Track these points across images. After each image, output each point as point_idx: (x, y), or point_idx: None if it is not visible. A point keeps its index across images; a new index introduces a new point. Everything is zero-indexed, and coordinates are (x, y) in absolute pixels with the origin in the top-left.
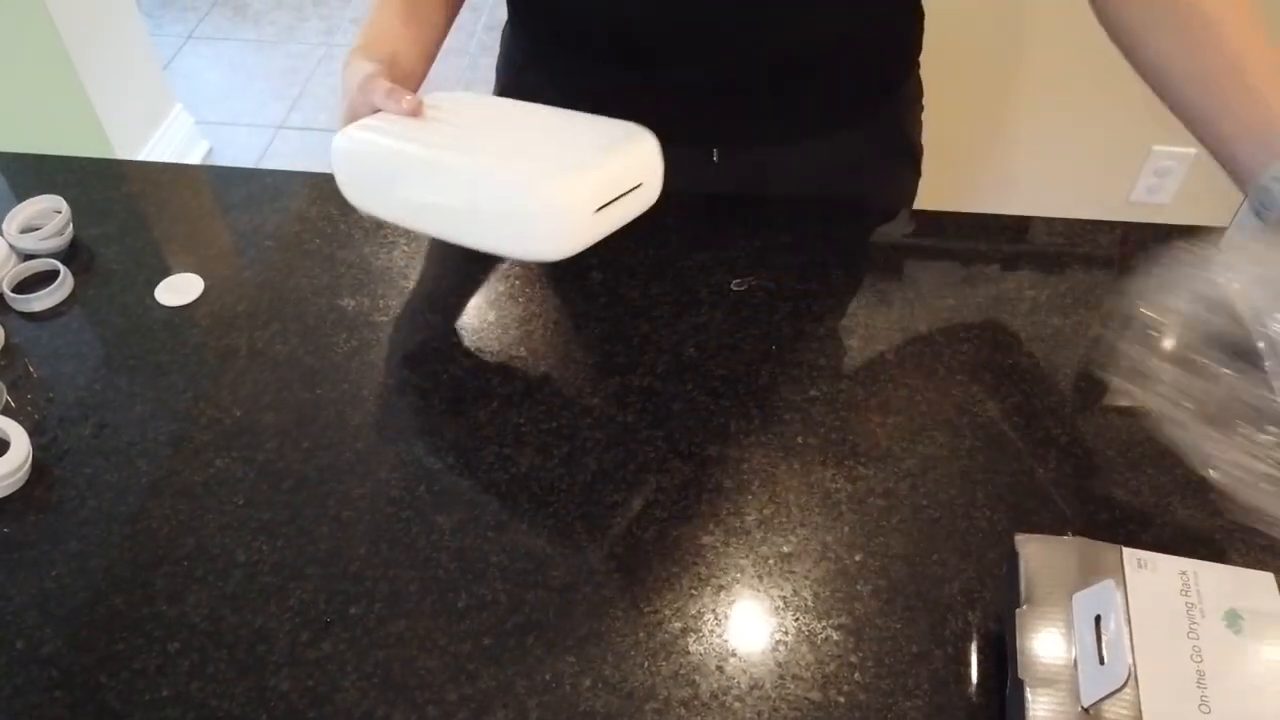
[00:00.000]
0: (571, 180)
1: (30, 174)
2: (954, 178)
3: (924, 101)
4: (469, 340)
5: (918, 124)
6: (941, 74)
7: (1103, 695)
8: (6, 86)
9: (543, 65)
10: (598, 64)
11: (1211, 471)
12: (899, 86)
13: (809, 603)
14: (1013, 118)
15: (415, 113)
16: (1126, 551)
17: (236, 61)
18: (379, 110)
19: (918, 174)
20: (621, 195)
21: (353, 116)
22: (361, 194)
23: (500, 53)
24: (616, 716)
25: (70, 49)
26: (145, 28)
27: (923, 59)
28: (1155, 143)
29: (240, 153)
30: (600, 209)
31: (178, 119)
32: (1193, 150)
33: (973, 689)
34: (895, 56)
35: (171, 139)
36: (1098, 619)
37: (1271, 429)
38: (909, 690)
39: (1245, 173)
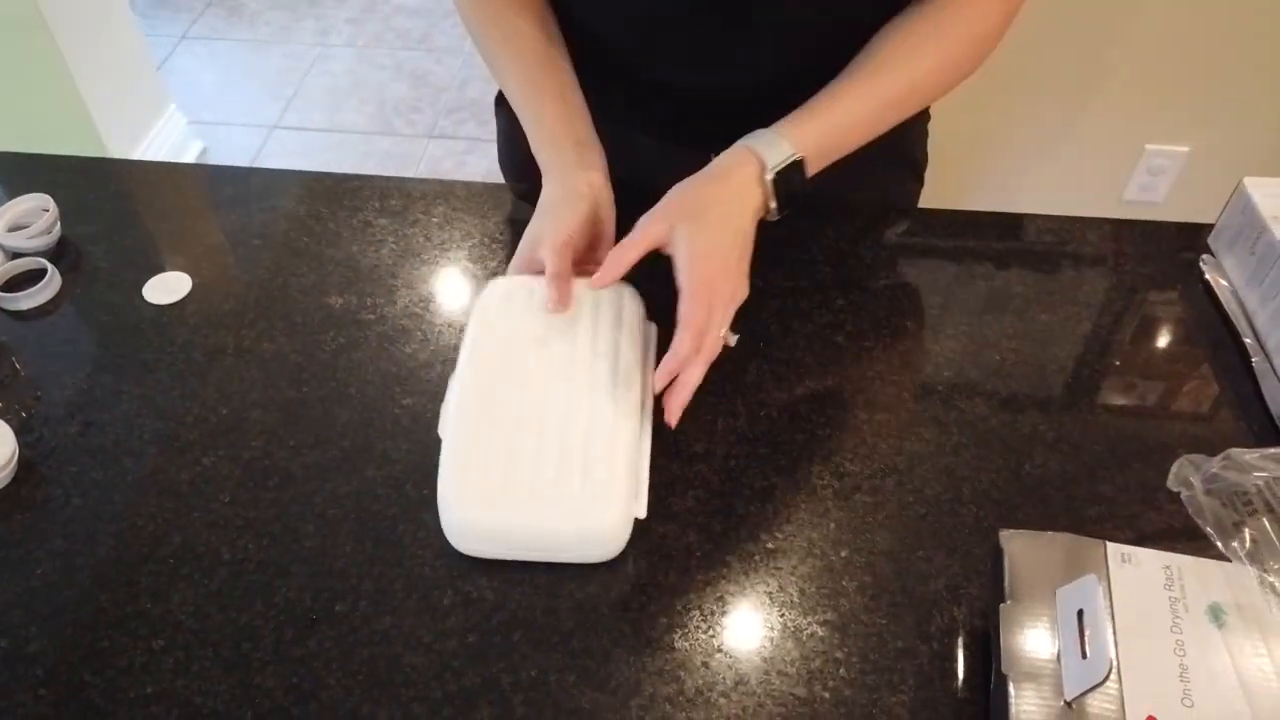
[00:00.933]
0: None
1: (17, 172)
2: (946, 177)
3: (929, 112)
4: (457, 338)
5: (922, 136)
6: None
7: (1085, 689)
8: (0, 87)
9: None
10: (595, 68)
11: None
12: None
13: (794, 599)
14: (1004, 116)
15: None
16: (1110, 546)
17: (231, 61)
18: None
19: (919, 184)
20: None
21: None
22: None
23: None
24: (602, 713)
25: (64, 49)
26: (139, 28)
27: None
28: (1149, 141)
29: (235, 153)
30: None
31: (172, 119)
32: (1186, 148)
33: (958, 684)
34: None
35: (166, 139)
36: (1080, 613)
37: None
38: (894, 685)
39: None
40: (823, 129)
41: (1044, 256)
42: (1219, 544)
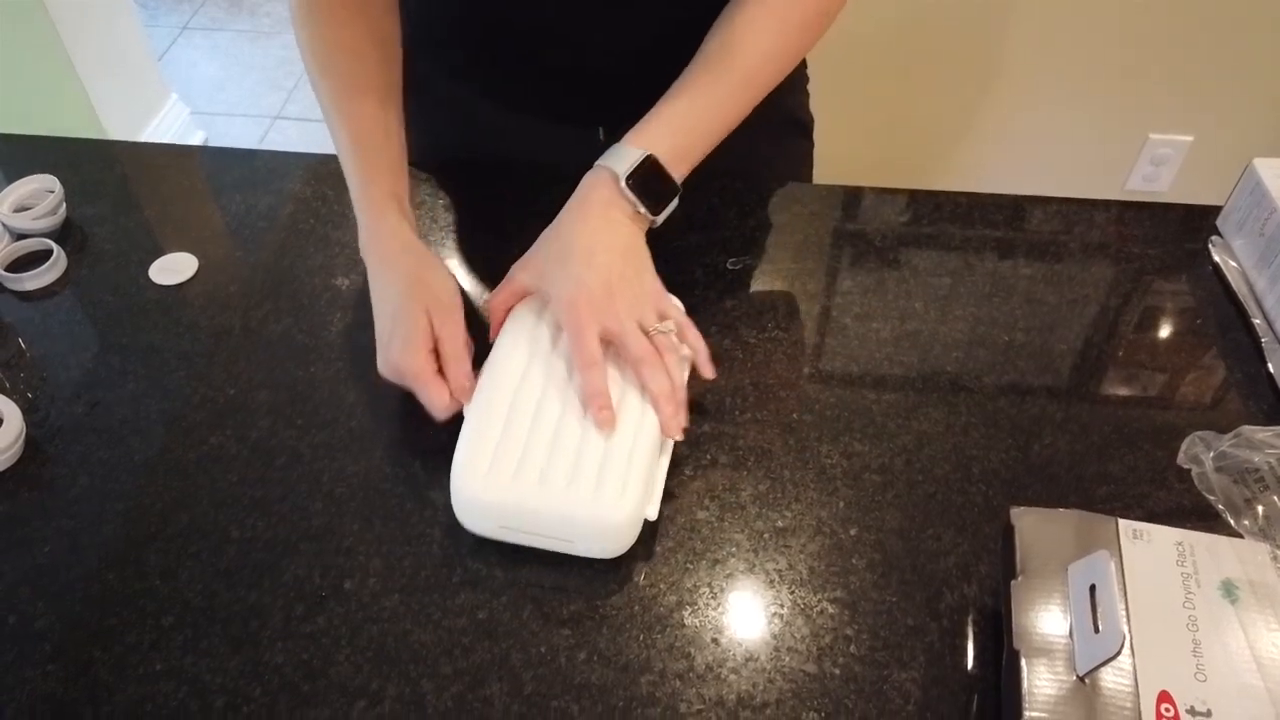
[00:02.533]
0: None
1: (23, 154)
2: (948, 166)
3: (808, 74)
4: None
5: (802, 95)
6: (935, 64)
7: (1098, 663)
8: (2, 78)
9: (429, 50)
10: (479, 49)
11: None
12: None
13: (804, 576)
14: (1006, 106)
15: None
16: (1122, 523)
17: (232, 52)
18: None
19: (810, 143)
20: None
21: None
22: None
23: None
24: (612, 689)
25: (66, 40)
26: (140, 19)
27: (916, 50)
28: (1152, 130)
29: (236, 143)
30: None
31: (173, 109)
32: (1190, 138)
33: (968, 661)
34: None
35: (167, 130)
36: (1093, 589)
37: None
38: (904, 662)
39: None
40: (671, 127)
41: (1053, 239)
42: (1230, 520)
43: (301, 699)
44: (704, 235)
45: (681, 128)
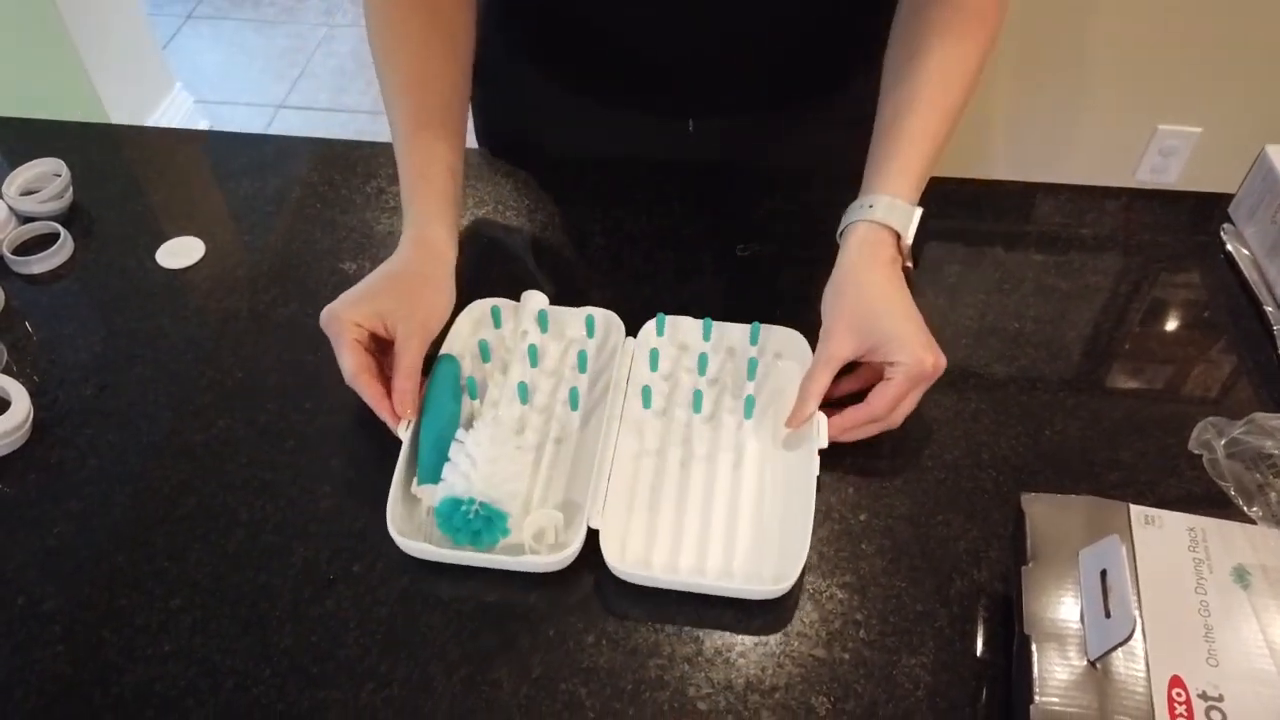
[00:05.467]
0: None
1: (29, 138)
2: (952, 155)
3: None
4: (480, 289)
5: (874, 93)
6: None
7: (1110, 647)
8: (7, 66)
9: (515, 36)
10: (568, 37)
11: None
12: (870, 62)
13: (814, 561)
14: (1014, 98)
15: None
16: (1134, 509)
17: (236, 41)
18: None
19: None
20: None
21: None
22: None
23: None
24: (620, 672)
25: (70, 29)
26: (145, 7)
27: None
28: (1161, 121)
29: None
30: None
31: (177, 98)
32: (1199, 129)
33: (978, 647)
34: (867, 35)
35: (171, 118)
36: (1104, 574)
37: None
38: (914, 647)
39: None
40: (910, 172)
41: (1063, 226)
42: (1242, 506)
43: (310, 680)
44: (713, 221)
45: (919, 165)
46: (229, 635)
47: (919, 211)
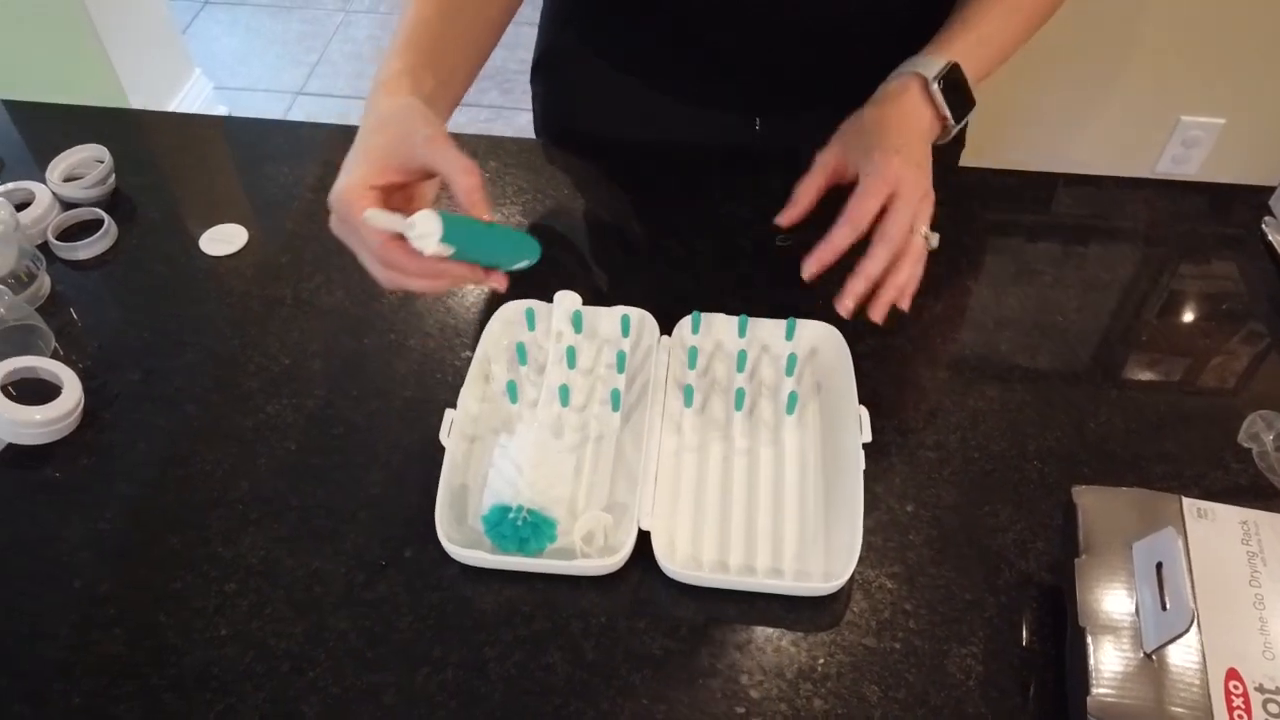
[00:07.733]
0: None
1: (69, 125)
2: (976, 149)
3: None
4: (512, 289)
5: None
6: None
7: (1167, 639)
8: (29, 51)
9: (585, 28)
10: (639, 31)
11: None
12: None
13: (862, 551)
14: (1035, 87)
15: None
16: (1186, 501)
17: (253, 27)
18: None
19: (959, 144)
20: None
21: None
22: None
23: (543, 9)
24: (673, 658)
25: (92, 13)
26: None
27: None
28: (1183, 112)
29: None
30: None
31: (197, 83)
32: (1222, 120)
33: (1028, 637)
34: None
35: (191, 103)
36: (1159, 566)
37: None
38: (964, 637)
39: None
40: (968, 43)
41: (1105, 218)
42: None
43: (365, 664)
44: (752, 209)
45: (979, 41)
46: (284, 619)
47: (945, 60)
